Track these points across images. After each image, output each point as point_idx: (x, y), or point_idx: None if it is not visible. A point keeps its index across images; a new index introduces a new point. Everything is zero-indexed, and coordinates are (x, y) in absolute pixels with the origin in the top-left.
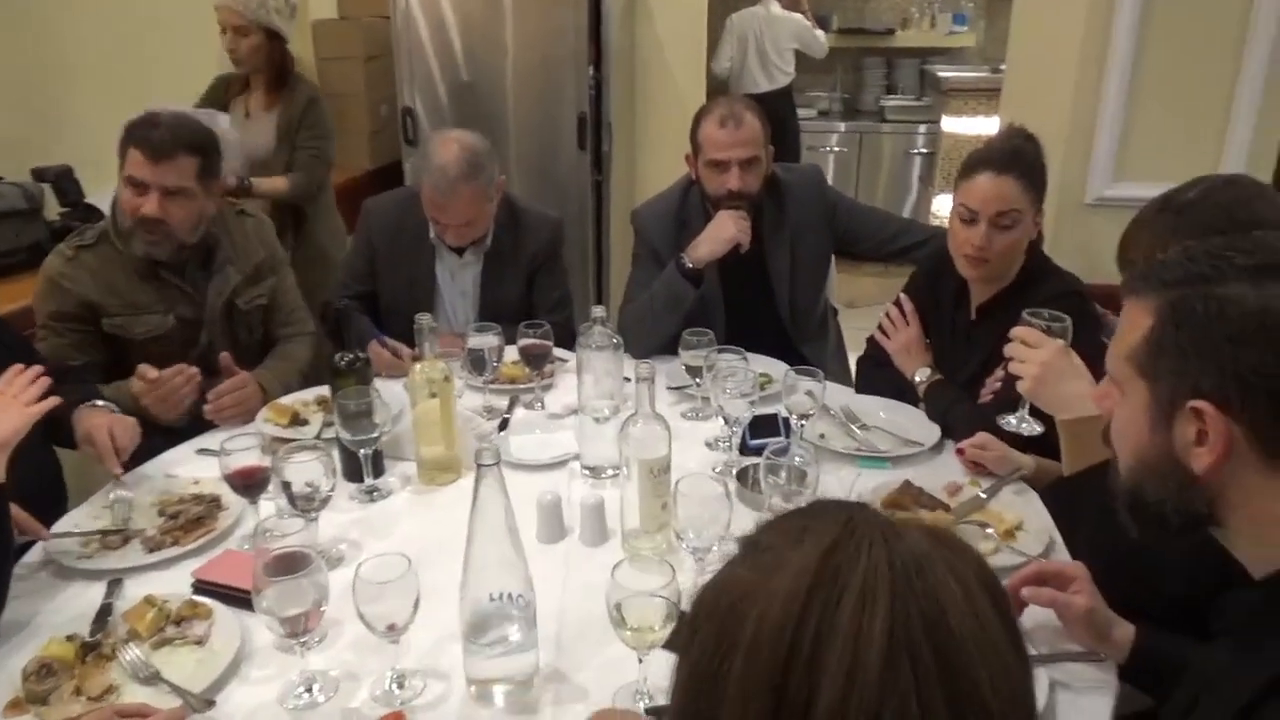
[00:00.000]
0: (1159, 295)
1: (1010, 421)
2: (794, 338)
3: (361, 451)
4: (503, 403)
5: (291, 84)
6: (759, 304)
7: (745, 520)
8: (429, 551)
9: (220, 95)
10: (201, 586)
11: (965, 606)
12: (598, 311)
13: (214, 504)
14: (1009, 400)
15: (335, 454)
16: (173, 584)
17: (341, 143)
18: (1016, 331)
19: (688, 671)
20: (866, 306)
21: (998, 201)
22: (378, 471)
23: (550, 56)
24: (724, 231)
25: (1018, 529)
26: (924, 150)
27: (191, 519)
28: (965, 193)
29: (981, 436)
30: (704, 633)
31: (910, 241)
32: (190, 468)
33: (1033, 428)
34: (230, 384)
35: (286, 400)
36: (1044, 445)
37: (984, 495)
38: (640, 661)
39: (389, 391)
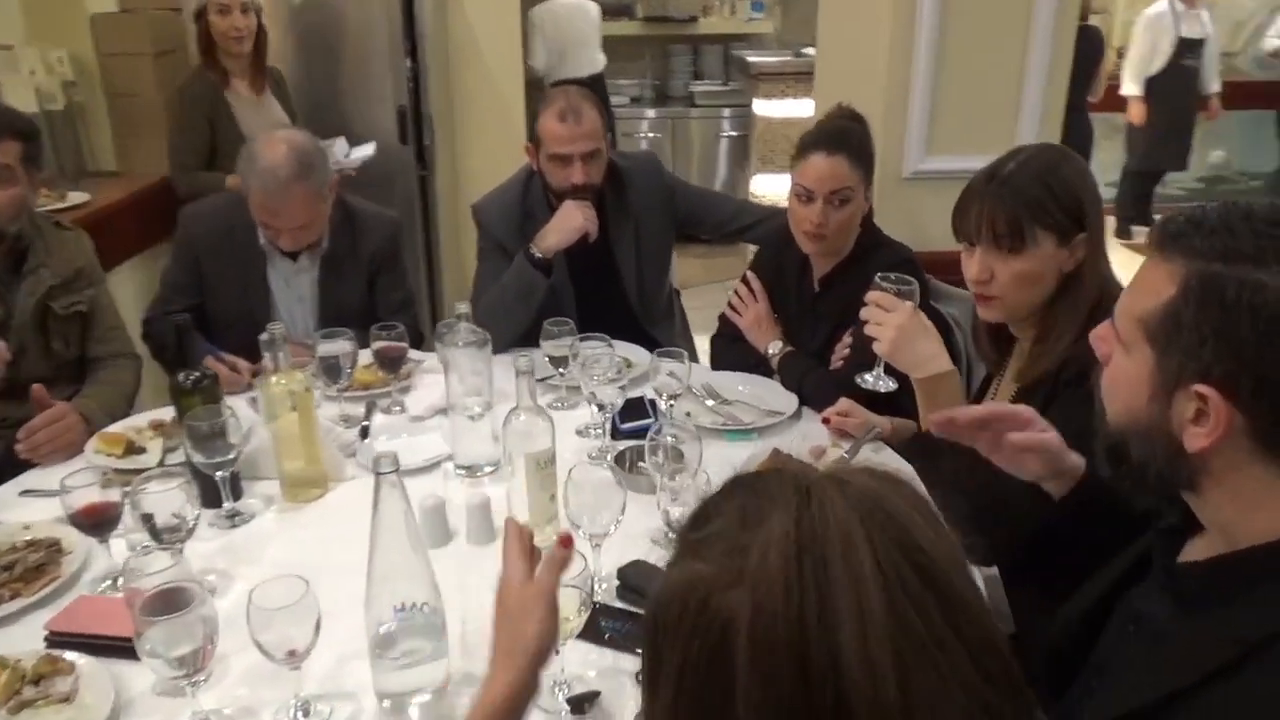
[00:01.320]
0: (1189, 264)
1: (867, 380)
2: (644, 321)
3: (218, 474)
4: (359, 410)
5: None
6: (608, 291)
7: (636, 505)
8: (309, 571)
9: (209, 92)
10: (57, 639)
11: (922, 523)
12: (461, 308)
13: (54, 549)
14: (859, 364)
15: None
16: (21, 641)
17: (133, 146)
18: (871, 296)
19: (674, 681)
20: (695, 288)
21: (831, 180)
22: (236, 494)
23: (366, 48)
24: (571, 221)
25: None
26: (733, 133)
27: (30, 568)
28: (801, 173)
29: (843, 403)
30: (677, 636)
31: (748, 221)
32: (16, 512)
33: (888, 385)
34: (44, 418)
35: (116, 428)
36: (895, 406)
37: (847, 455)
38: (557, 653)
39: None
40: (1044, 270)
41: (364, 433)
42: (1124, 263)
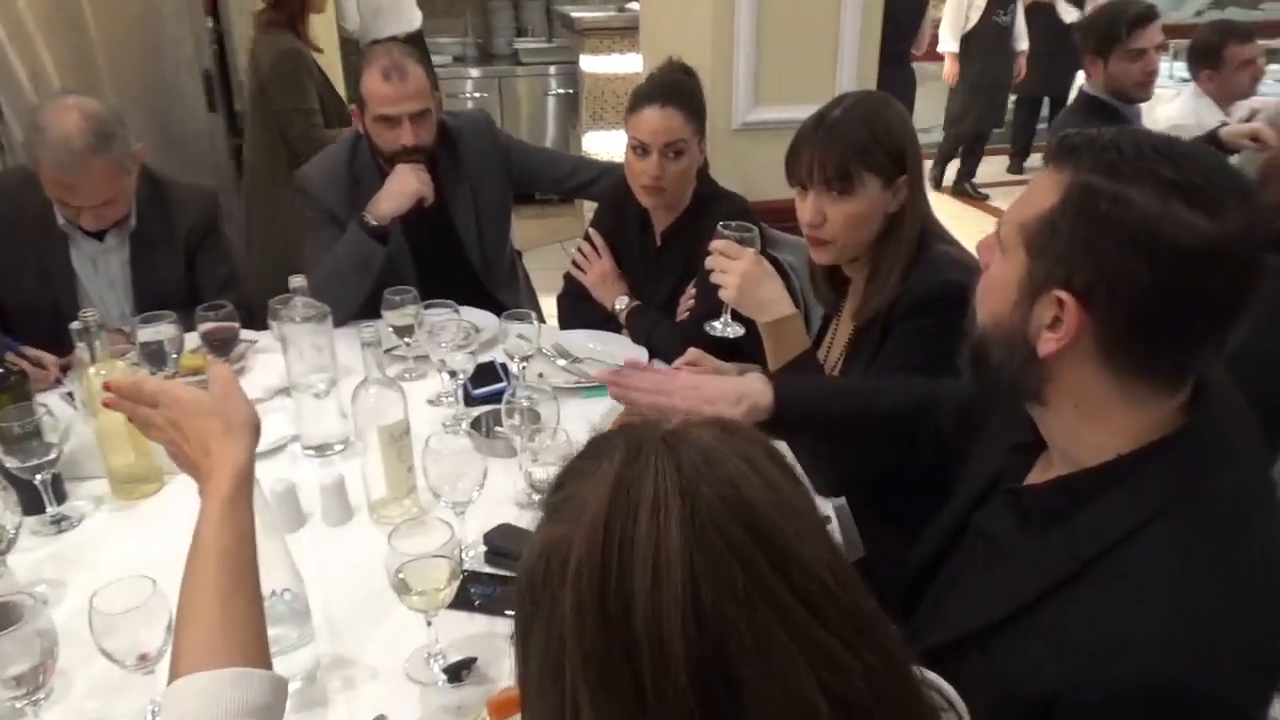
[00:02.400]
0: (1074, 172)
1: (715, 327)
2: (488, 285)
3: (37, 478)
4: None
5: None
6: (448, 256)
7: (497, 469)
8: (153, 571)
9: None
10: None
11: (757, 480)
12: (296, 281)
13: None
14: (705, 314)
15: None
16: None
17: None
18: (715, 245)
19: (541, 643)
20: (534, 249)
21: (665, 133)
22: (60, 497)
23: (153, 6)
24: (407, 186)
25: None
26: (560, 91)
27: None
28: (635, 126)
29: (693, 353)
30: (541, 600)
31: (586, 178)
32: None
33: (736, 330)
34: None
35: None
36: (740, 353)
37: None
38: (429, 624)
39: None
40: (871, 211)
41: None
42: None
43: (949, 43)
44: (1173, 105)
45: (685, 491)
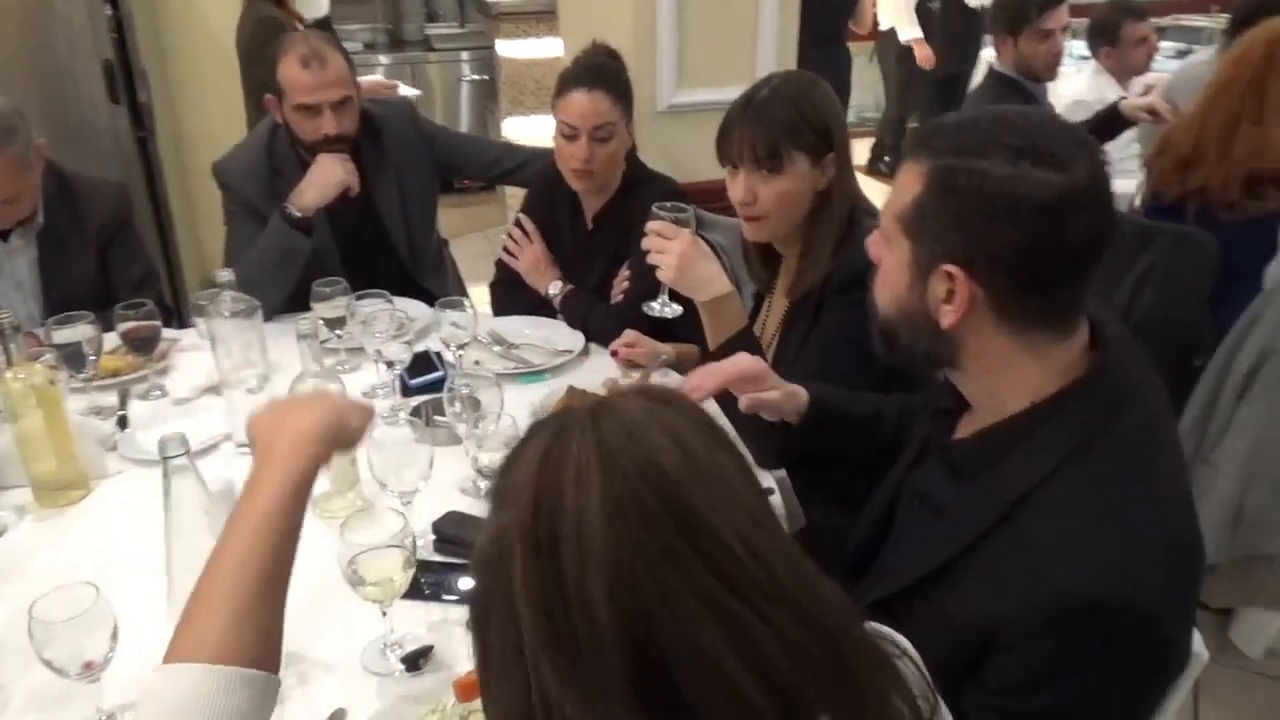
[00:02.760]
0: (931, 161)
1: (654, 307)
2: (416, 275)
3: None
4: (112, 399)
5: None
6: (374, 246)
7: (441, 457)
8: (87, 579)
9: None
10: None
11: (676, 450)
12: (223, 275)
13: None
14: (640, 296)
15: None
16: None
17: None
18: (651, 226)
19: (499, 627)
20: (457, 239)
21: (593, 116)
22: None
23: None
24: (331, 176)
25: None
26: (475, 77)
27: None
28: (563, 110)
29: (629, 335)
30: (488, 584)
31: (514, 164)
32: None
33: (674, 310)
34: None
35: None
36: (675, 334)
37: (639, 384)
38: (384, 615)
39: None
40: (801, 189)
41: (122, 423)
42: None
43: (911, 30)
44: (1075, 81)
45: (604, 463)
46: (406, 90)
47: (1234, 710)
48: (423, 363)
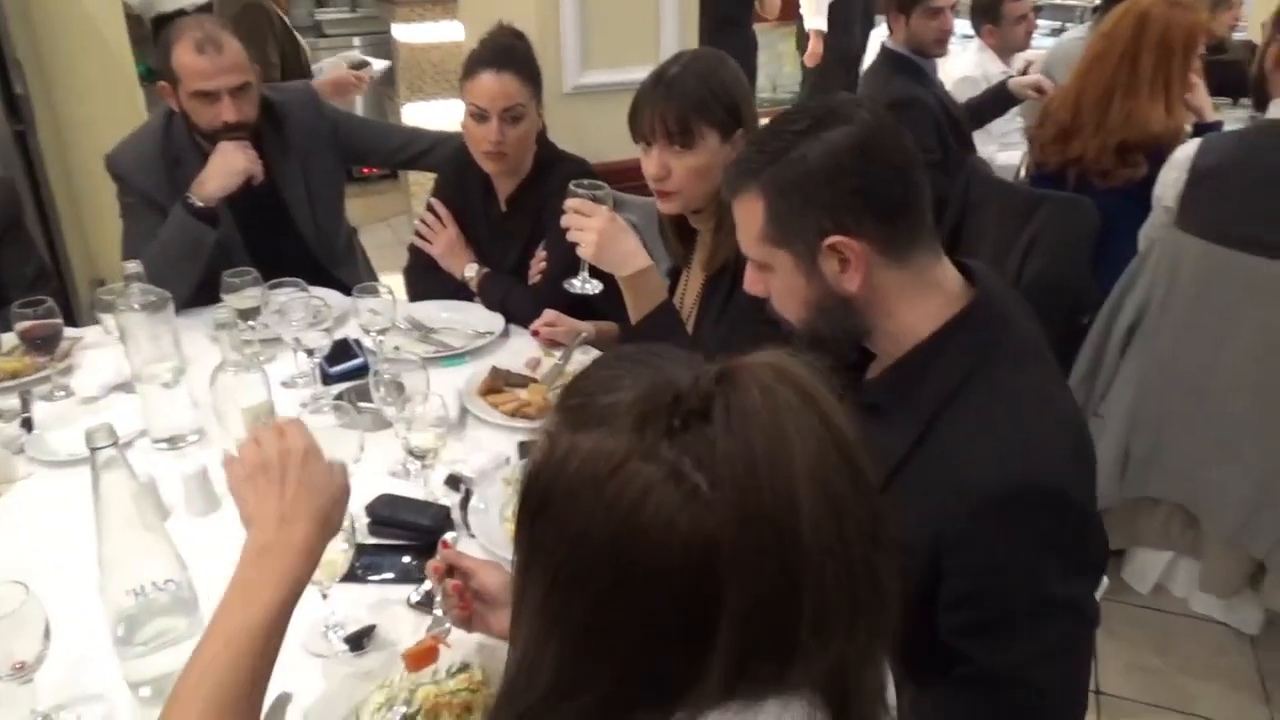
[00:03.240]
0: (756, 182)
1: (575, 284)
2: (326, 263)
3: None
4: (14, 402)
5: None
6: (281, 235)
7: (372, 441)
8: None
9: None
10: None
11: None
12: (131, 267)
13: None
14: (558, 275)
15: None
16: None
17: None
18: (570, 204)
19: (563, 552)
20: (362, 229)
21: (503, 97)
22: None
23: None
24: (233, 164)
25: None
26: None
27: None
28: (472, 92)
29: (549, 314)
30: (576, 507)
31: (422, 148)
32: None
33: (595, 287)
34: None
35: None
36: (594, 311)
37: (561, 362)
38: (325, 597)
39: None
40: (712, 163)
41: (26, 424)
42: None
43: (817, 20)
44: (961, 59)
45: (795, 404)
46: (378, 64)
47: (1130, 642)
48: (342, 350)
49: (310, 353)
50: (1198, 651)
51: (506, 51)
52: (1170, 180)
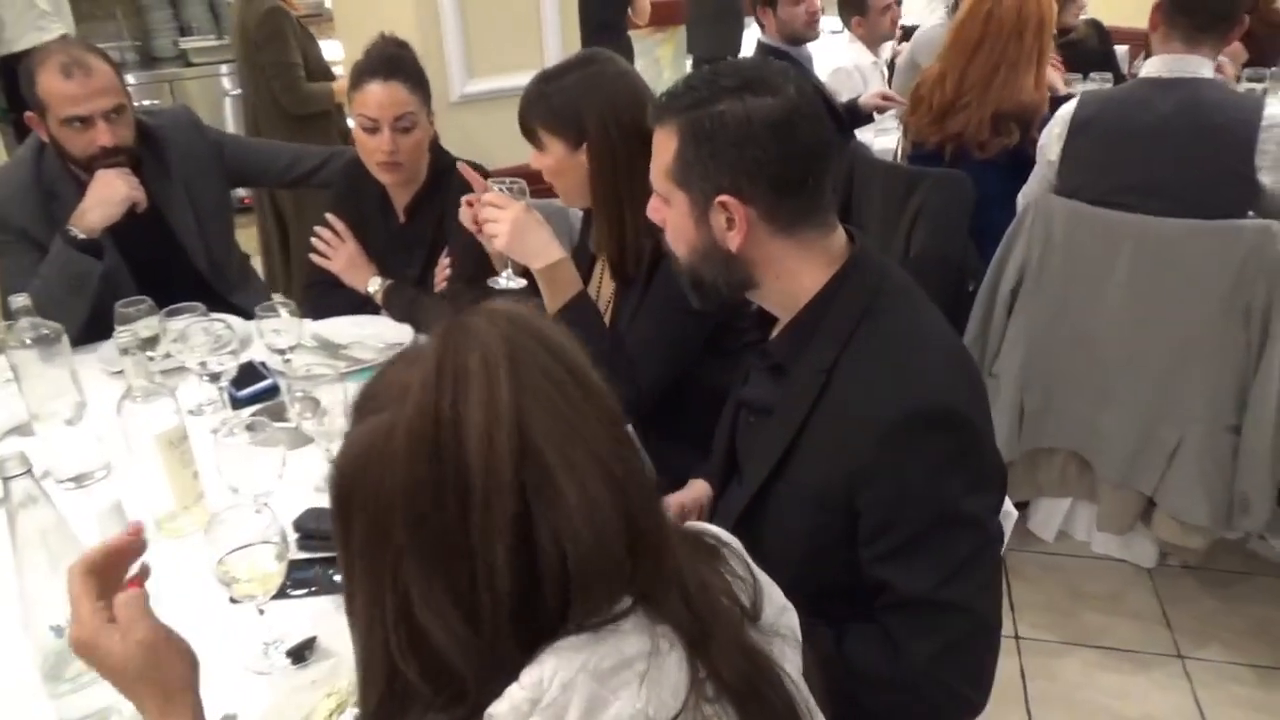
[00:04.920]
0: (676, 119)
1: (500, 281)
2: (221, 290)
3: None
4: None
5: None
6: (170, 263)
7: (294, 458)
8: None
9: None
10: None
11: (557, 329)
12: (18, 301)
13: None
14: (466, 278)
15: None
16: None
17: None
18: (487, 197)
19: (363, 524)
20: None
21: (393, 106)
22: None
23: None
24: (114, 192)
25: None
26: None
27: None
28: (360, 103)
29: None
30: (355, 485)
31: (311, 165)
32: None
33: (519, 283)
34: None
35: None
36: None
37: None
38: (261, 613)
39: None
40: (563, 167)
41: None
42: None
43: None
44: (834, 52)
45: (507, 336)
46: None
47: (1041, 587)
48: (249, 373)
49: (216, 377)
50: (1103, 589)
51: (393, 60)
52: (1055, 135)
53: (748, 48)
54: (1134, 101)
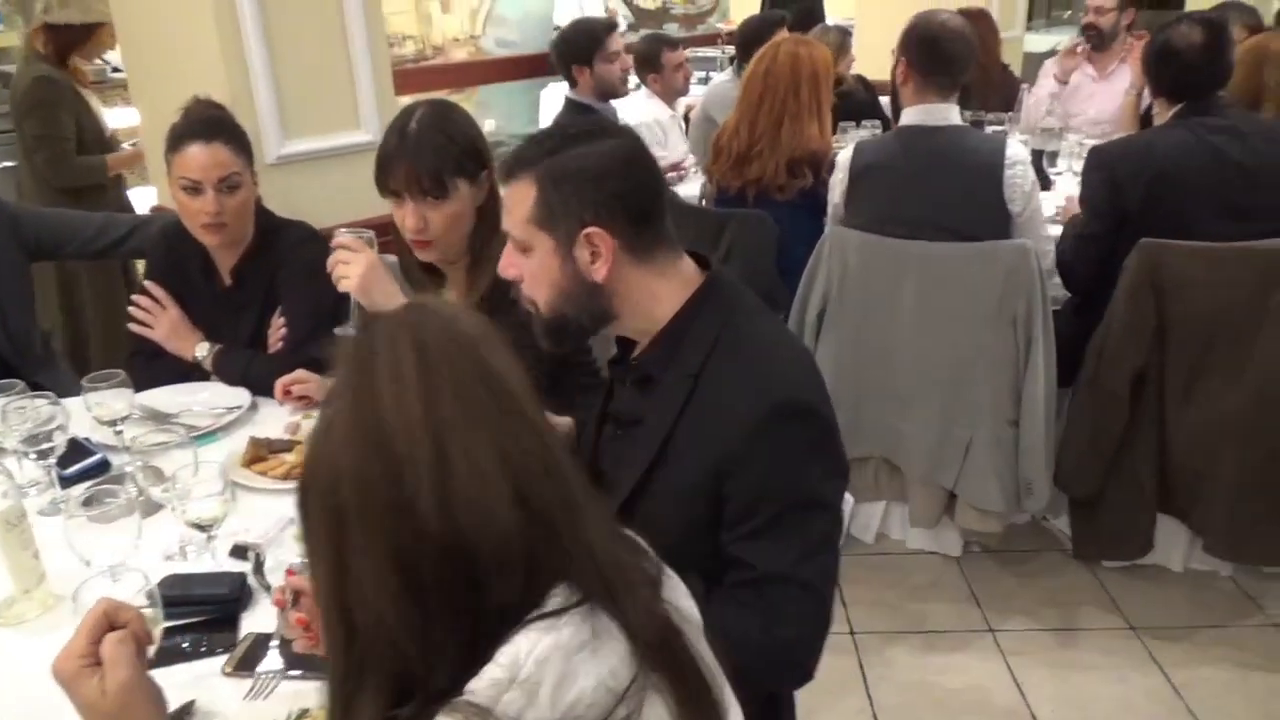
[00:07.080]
0: (533, 168)
1: (349, 330)
2: (24, 370)
3: None
4: None
5: None
6: None
7: (157, 527)
8: None
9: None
10: None
11: (472, 320)
12: None
13: None
14: (300, 337)
15: None
16: None
17: None
18: (339, 241)
19: (316, 514)
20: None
21: (216, 167)
22: None
23: None
24: None
25: None
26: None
27: None
28: (181, 166)
29: (298, 373)
30: (306, 490)
31: (120, 233)
32: None
33: None
34: None
35: None
36: None
37: None
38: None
39: None
40: (465, 209)
41: None
42: None
43: None
44: (633, 107)
45: (413, 331)
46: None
47: (868, 585)
48: (75, 450)
49: (41, 455)
50: (921, 579)
51: (213, 122)
52: (837, 181)
53: (555, 104)
54: (901, 147)
